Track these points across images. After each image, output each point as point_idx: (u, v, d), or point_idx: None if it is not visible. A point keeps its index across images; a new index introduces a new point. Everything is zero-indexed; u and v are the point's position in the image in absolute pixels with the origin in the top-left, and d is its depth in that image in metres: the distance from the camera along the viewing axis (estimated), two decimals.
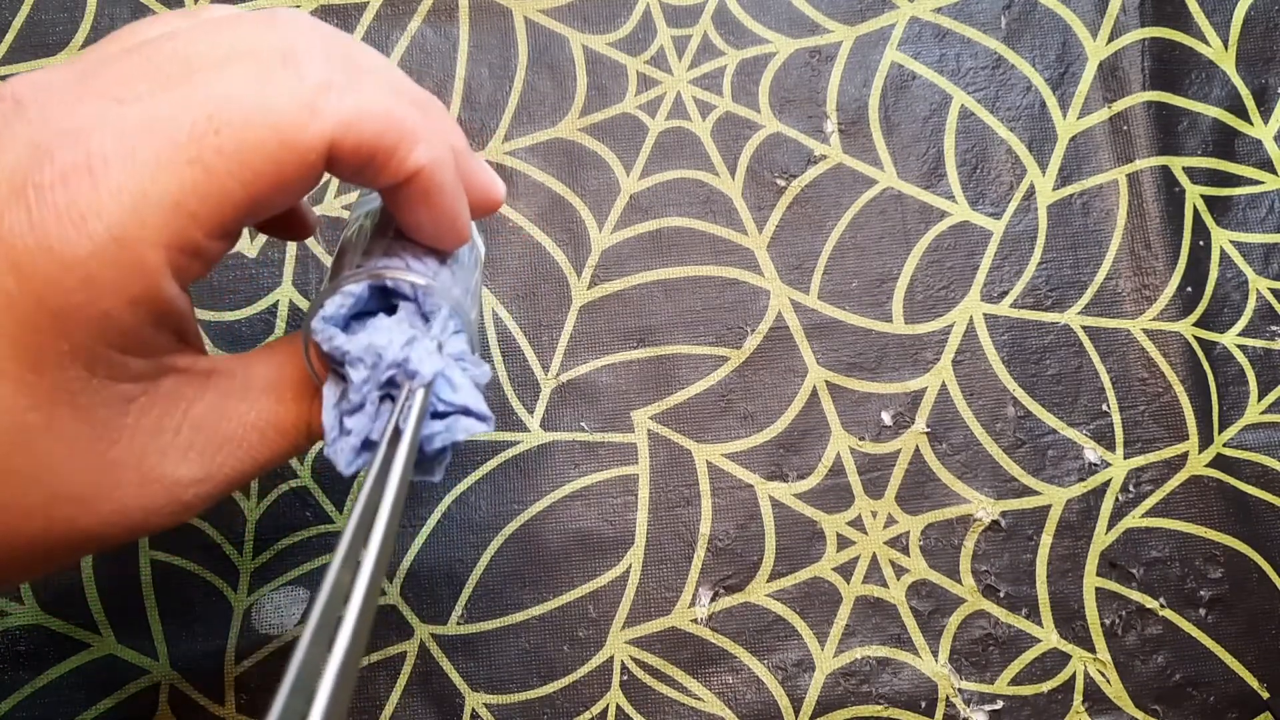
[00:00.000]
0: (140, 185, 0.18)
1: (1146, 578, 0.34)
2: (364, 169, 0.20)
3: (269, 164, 0.19)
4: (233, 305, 0.35)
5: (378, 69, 0.22)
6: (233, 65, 0.19)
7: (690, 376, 0.35)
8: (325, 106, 0.19)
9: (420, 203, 0.22)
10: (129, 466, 0.20)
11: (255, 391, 0.22)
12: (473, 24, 0.37)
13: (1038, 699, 0.34)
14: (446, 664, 0.33)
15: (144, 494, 0.20)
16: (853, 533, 0.35)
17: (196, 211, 0.18)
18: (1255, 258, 0.36)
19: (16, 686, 0.32)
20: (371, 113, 0.20)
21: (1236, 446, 0.35)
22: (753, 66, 0.37)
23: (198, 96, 0.19)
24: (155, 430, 0.20)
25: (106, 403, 0.19)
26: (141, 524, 0.21)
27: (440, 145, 0.21)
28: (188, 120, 0.18)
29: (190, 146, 0.18)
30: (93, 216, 0.18)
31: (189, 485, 0.21)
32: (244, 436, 0.22)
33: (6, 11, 0.36)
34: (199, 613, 0.33)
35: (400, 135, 0.20)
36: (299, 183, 0.20)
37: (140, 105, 0.19)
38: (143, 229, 0.18)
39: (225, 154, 0.18)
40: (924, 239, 0.36)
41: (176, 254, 0.19)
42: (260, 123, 0.19)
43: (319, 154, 0.19)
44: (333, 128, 0.19)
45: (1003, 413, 0.35)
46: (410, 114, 0.21)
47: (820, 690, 0.34)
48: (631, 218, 0.36)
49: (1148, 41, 0.37)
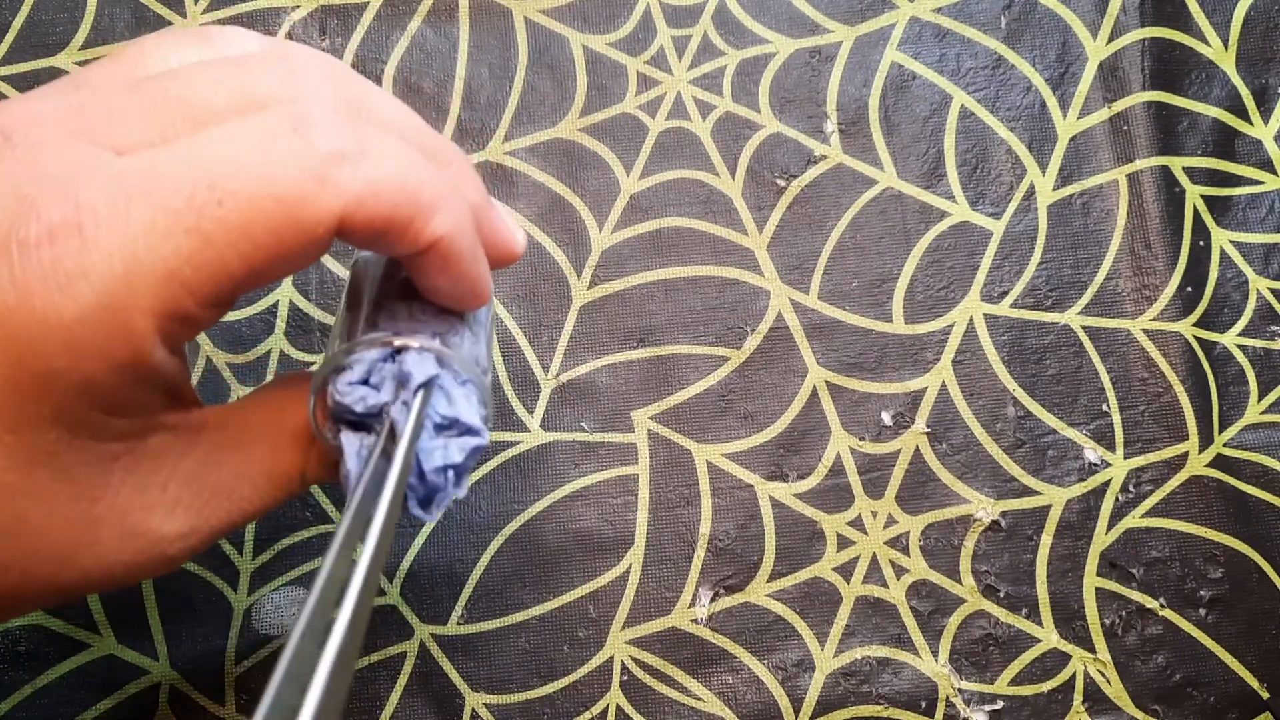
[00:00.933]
0: (133, 250, 0.17)
1: (1146, 578, 0.34)
2: (378, 241, 0.19)
3: (271, 239, 0.18)
4: (234, 305, 0.35)
5: (391, 120, 0.21)
6: (239, 123, 0.18)
7: (690, 376, 0.35)
8: (337, 180, 0.18)
9: (439, 271, 0.21)
10: (111, 524, 0.19)
11: (249, 442, 0.22)
12: (473, 24, 0.37)
13: (1038, 699, 0.34)
14: (446, 664, 0.33)
15: (127, 549, 0.20)
16: (853, 533, 0.35)
17: (190, 281, 0.17)
18: (1255, 258, 0.36)
19: (16, 686, 0.32)
20: (385, 186, 0.19)
21: (1237, 446, 0.35)
22: (753, 66, 0.37)
23: (200, 159, 0.18)
24: (141, 487, 0.20)
25: (89, 462, 0.19)
26: (123, 578, 0.20)
27: (459, 211, 0.20)
28: (188, 185, 0.17)
29: (189, 215, 0.17)
30: (80, 279, 0.16)
31: (174, 540, 0.20)
32: (234, 487, 0.21)
33: (6, 11, 0.36)
34: (199, 613, 0.33)
35: (417, 207, 0.19)
36: (303, 257, 0.19)
37: (137, 160, 0.18)
38: (133, 296, 0.17)
39: (226, 226, 0.17)
40: (924, 239, 0.36)
41: (167, 322, 0.18)
42: (266, 194, 0.17)
43: (327, 229, 0.18)
44: (344, 204, 0.18)
45: (1003, 413, 0.35)
46: (428, 181, 0.19)
47: (820, 690, 0.34)
48: (631, 218, 0.36)
49: (1148, 41, 0.37)
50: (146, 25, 0.36)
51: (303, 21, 0.37)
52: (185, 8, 0.37)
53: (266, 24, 0.37)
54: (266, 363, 0.35)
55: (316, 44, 0.37)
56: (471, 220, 0.21)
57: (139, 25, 0.36)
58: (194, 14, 0.37)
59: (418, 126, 0.22)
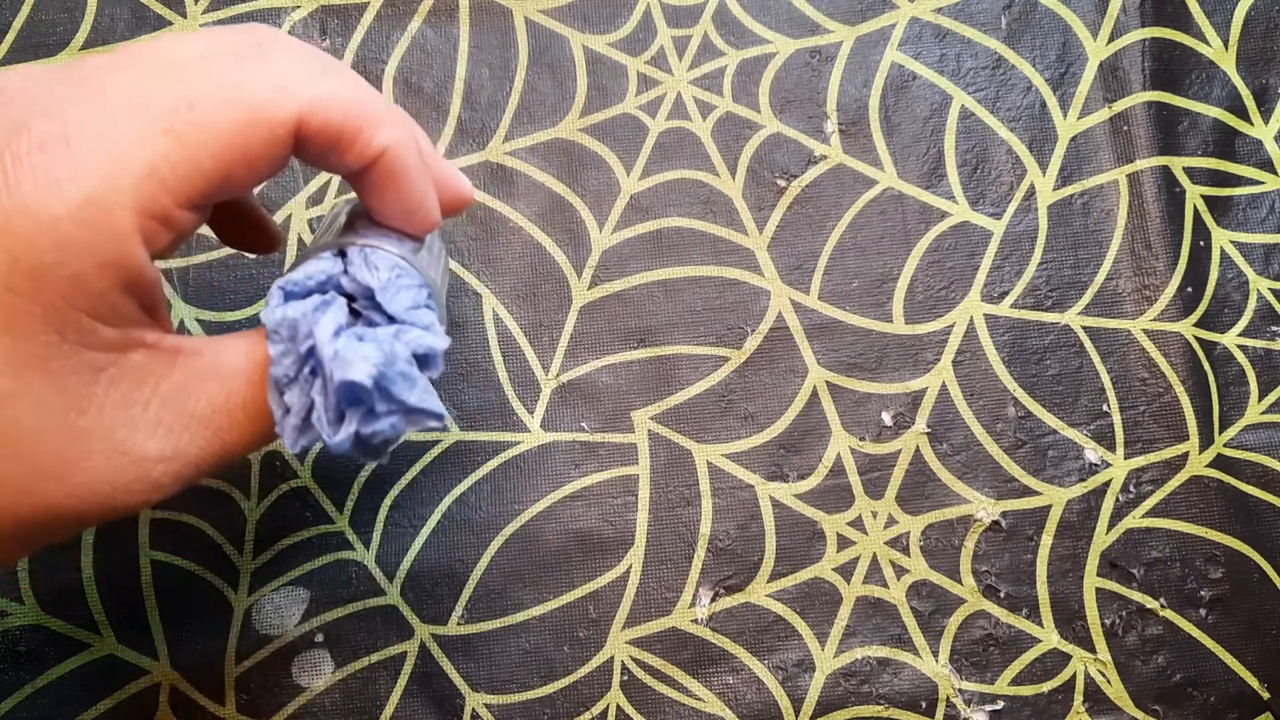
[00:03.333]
0: (115, 153, 0.19)
1: (1147, 578, 0.34)
2: (330, 150, 0.22)
3: (239, 138, 0.20)
4: (233, 305, 0.35)
5: (346, 72, 0.23)
6: (210, 53, 0.21)
7: (690, 377, 0.35)
8: (294, 88, 0.21)
9: (387, 184, 0.23)
10: (98, 437, 0.20)
11: (224, 373, 0.22)
12: (473, 24, 0.37)
13: (1038, 699, 0.34)
14: (447, 664, 0.33)
15: (112, 467, 0.20)
16: (853, 533, 0.35)
17: (167, 179, 0.19)
18: (1256, 258, 0.36)
19: (17, 686, 0.32)
20: (338, 96, 0.21)
21: (1237, 447, 0.35)
22: (753, 67, 0.37)
23: (177, 80, 0.20)
24: (124, 403, 0.20)
25: (76, 370, 0.20)
26: (109, 499, 0.21)
27: (404, 127, 0.23)
28: (168, 99, 0.19)
29: (164, 119, 0.19)
30: (67, 180, 0.18)
31: (157, 461, 0.21)
32: (212, 417, 0.22)
33: (7, 11, 0.36)
34: (199, 613, 0.33)
35: (365, 117, 0.22)
36: (267, 159, 0.21)
37: (121, 86, 0.20)
38: (115, 193, 0.19)
39: (198, 125, 0.19)
40: (924, 239, 0.36)
41: (147, 219, 0.19)
42: (233, 98, 0.20)
43: (287, 129, 0.21)
44: (300, 105, 0.21)
45: (1003, 413, 0.35)
46: (374, 99, 0.22)
47: (820, 690, 0.34)
48: (632, 218, 0.36)
49: (1148, 41, 0.37)
50: (147, 25, 0.36)
51: (303, 21, 0.37)
52: (185, 8, 0.36)
53: (267, 24, 0.36)
54: None
55: (317, 44, 0.37)
56: (415, 143, 0.23)
57: (139, 25, 0.36)
58: (194, 14, 0.37)
59: (370, 85, 0.24)
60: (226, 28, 0.22)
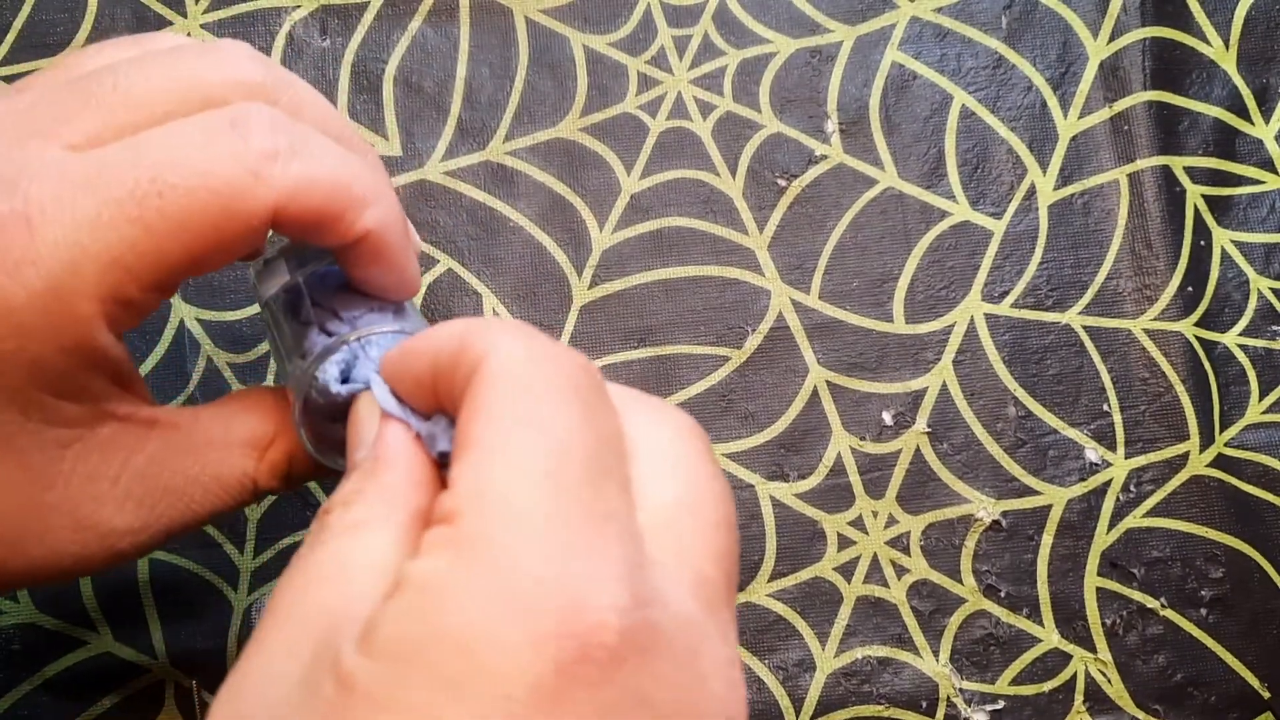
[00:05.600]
0: (78, 239, 0.18)
1: (1147, 578, 0.34)
2: (311, 232, 0.20)
3: (209, 229, 0.19)
4: (233, 305, 0.35)
5: (320, 120, 0.22)
6: (181, 123, 0.19)
7: (691, 376, 0.35)
8: (270, 175, 0.19)
9: (371, 261, 0.22)
10: (63, 512, 0.20)
11: (201, 445, 0.22)
12: (473, 24, 0.37)
13: (1039, 699, 0.34)
14: None
15: (77, 540, 0.20)
16: (853, 532, 0.35)
17: (133, 267, 0.18)
18: (1256, 257, 0.36)
19: (13, 685, 0.32)
20: (318, 179, 0.20)
21: (1238, 446, 0.35)
22: (753, 66, 0.37)
23: (144, 156, 0.19)
24: (92, 477, 0.20)
25: (42, 446, 0.19)
26: (73, 569, 0.20)
27: (388, 204, 0.21)
28: (131, 179, 0.18)
29: (131, 205, 0.18)
30: (28, 266, 0.18)
31: (124, 534, 0.21)
32: (185, 489, 0.22)
33: (7, 11, 0.36)
34: (199, 612, 0.33)
35: (349, 201, 0.20)
36: (241, 246, 0.20)
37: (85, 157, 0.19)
38: (77, 281, 0.18)
39: (166, 216, 0.18)
40: (925, 239, 0.36)
41: (111, 305, 0.19)
42: (203, 187, 0.19)
43: (262, 220, 0.19)
44: (277, 196, 0.19)
45: (1003, 413, 0.35)
46: (358, 176, 0.21)
47: (821, 690, 0.34)
48: (632, 218, 0.36)
49: (1149, 41, 0.37)
50: (147, 25, 0.36)
51: (303, 21, 0.37)
52: (186, 7, 0.37)
53: (267, 24, 0.37)
54: (266, 363, 0.35)
55: (317, 44, 0.37)
56: (401, 215, 0.22)
57: (139, 25, 0.36)
58: (194, 14, 0.37)
59: (344, 122, 0.23)
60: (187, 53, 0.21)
